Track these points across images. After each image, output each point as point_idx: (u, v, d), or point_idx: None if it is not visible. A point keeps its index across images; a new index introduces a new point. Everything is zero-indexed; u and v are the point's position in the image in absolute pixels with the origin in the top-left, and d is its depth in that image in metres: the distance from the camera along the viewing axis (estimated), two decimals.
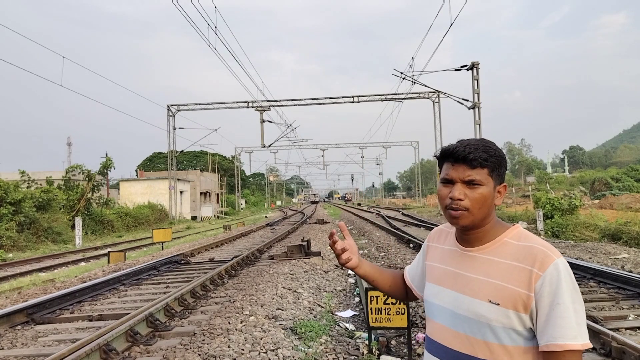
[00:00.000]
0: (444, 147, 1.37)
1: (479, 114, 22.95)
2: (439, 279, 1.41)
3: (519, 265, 1.25)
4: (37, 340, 5.60)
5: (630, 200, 29.96)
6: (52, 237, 22.14)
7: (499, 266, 1.28)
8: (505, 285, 1.25)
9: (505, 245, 1.31)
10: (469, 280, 1.32)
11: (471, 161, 1.29)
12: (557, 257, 1.23)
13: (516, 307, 1.23)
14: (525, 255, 1.26)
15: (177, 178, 39.42)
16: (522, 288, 1.23)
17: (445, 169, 1.35)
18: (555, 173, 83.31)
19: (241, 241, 17.78)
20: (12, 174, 28.31)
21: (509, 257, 1.28)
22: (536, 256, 1.24)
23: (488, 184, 1.31)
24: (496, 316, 1.24)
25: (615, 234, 15.29)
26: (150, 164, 72.34)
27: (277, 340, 5.11)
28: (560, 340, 1.17)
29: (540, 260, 1.22)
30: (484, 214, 1.32)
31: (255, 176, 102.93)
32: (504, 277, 1.26)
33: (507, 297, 1.24)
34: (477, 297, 1.28)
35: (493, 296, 1.25)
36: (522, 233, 1.33)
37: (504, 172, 1.35)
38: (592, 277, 7.88)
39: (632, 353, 4.16)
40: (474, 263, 1.33)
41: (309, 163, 76.63)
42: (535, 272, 1.22)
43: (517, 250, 1.28)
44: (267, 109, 33.93)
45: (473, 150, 1.30)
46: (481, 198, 1.30)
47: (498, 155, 1.32)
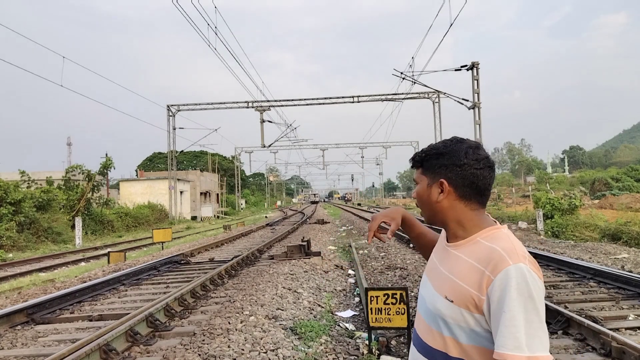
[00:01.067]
0: None
1: (479, 114, 22.94)
2: (427, 269, 1.47)
3: (476, 266, 1.25)
4: (37, 340, 5.61)
5: (630, 200, 29.96)
6: (52, 237, 22.14)
7: (462, 264, 1.29)
8: (460, 283, 1.26)
9: (475, 245, 1.30)
10: (439, 274, 1.36)
11: (413, 164, 1.44)
12: (513, 263, 1.18)
13: (468, 306, 1.23)
14: (485, 256, 1.24)
15: (177, 178, 39.42)
16: (474, 289, 1.22)
17: None
18: (555, 173, 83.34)
19: (241, 241, 17.78)
20: (12, 174, 28.31)
21: (473, 256, 1.27)
22: (493, 259, 1.21)
23: (421, 182, 1.40)
24: (450, 312, 1.26)
25: (615, 234, 15.29)
26: (150, 164, 72.34)
27: (277, 340, 5.11)
28: (501, 349, 1.14)
29: (495, 264, 1.20)
30: (429, 211, 1.40)
31: (255, 176, 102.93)
32: (461, 276, 1.27)
33: (460, 296, 1.25)
34: (438, 292, 1.32)
35: (449, 293, 1.28)
36: (495, 234, 1.30)
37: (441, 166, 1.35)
38: (592, 277, 7.89)
39: (632, 353, 4.16)
40: (447, 258, 1.37)
41: (309, 163, 76.60)
42: (487, 275, 1.20)
43: (482, 250, 1.27)
44: (267, 109, 33.91)
45: (419, 152, 1.42)
46: (416, 196, 1.41)
47: (436, 152, 1.36)
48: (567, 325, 5.27)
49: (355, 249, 13.11)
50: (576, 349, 4.74)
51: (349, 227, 24.35)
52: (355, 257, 11.16)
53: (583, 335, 4.93)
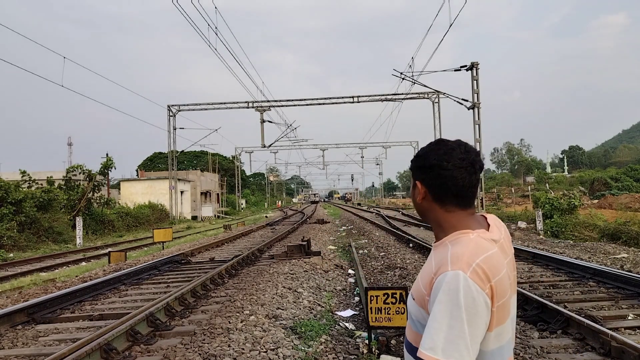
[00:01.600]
0: None
1: (478, 114, 22.95)
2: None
3: (431, 268, 1.30)
4: (38, 339, 5.62)
5: (629, 200, 29.96)
6: (52, 237, 22.15)
7: (427, 265, 1.35)
8: (419, 283, 1.34)
9: (442, 247, 1.33)
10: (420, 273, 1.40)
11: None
12: (452, 269, 1.21)
13: (422, 304, 1.29)
14: (439, 259, 1.28)
15: (177, 178, 39.41)
16: (425, 288, 1.29)
17: None
18: (554, 173, 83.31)
19: (241, 241, 17.80)
20: (12, 174, 28.33)
21: (437, 258, 1.31)
22: (441, 262, 1.26)
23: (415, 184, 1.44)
24: (413, 309, 1.35)
25: (615, 233, 15.30)
26: (150, 164, 72.34)
27: (277, 339, 5.13)
28: (420, 347, 1.18)
29: (439, 267, 1.25)
30: (420, 209, 1.45)
31: (255, 176, 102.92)
32: (422, 275, 1.34)
33: (417, 294, 1.33)
34: (411, 289, 1.39)
35: (414, 291, 1.36)
36: (460, 239, 1.31)
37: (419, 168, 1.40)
38: (591, 277, 7.90)
39: (631, 352, 4.17)
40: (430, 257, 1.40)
41: (309, 163, 76.56)
42: (433, 277, 1.26)
43: (441, 252, 1.31)
44: (267, 109, 33.91)
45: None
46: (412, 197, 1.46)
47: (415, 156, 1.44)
48: (566, 324, 5.28)
49: (355, 248, 13.13)
50: (575, 348, 4.76)
51: (349, 227, 24.36)
52: (355, 256, 11.18)
53: (582, 335, 4.95)
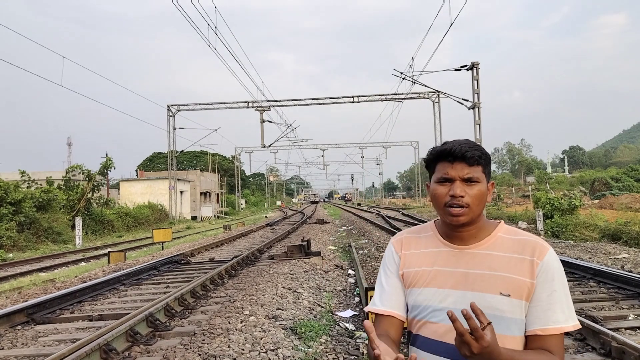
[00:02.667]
0: (439, 147, 1.39)
1: (479, 114, 22.94)
2: (436, 281, 1.38)
3: (519, 257, 1.32)
4: (37, 340, 5.61)
5: (630, 200, 29.94)
6: (52, 237, 22.13)
7: (502, 259, 1.33)
8: (512, 276, 1.31)
9: (500, 240, 1.37)
10: (476, 277, 1.33)
11: (469, 159, 1.33)
12: (549, 247, 1.34)
13: (523, 296, 1.30)
14: (523, 247, 1.34)
15: (177, 178, 39.41)
16: (527, 277, 1.30)
17: (443, 168, 1.36)
18: (555, 173, 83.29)
19: (241, 241, 17.78)
20: (12, 174, 28.31)
21: (508, 250, 1.34)
22: (534, 247, 1.33)
23: (483, 181, 1.35)
24: (509, 307, 1.29)
25: (615, 234, 15.28)
26: (150, 164, 72.32)
27: (277, 340, 5.11)
28: (557, 324, 1.28)
29: (539, 250, 1.32)
30: (481, 210, 1.36)
31: (255, 176, 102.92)
32: (510, 269, 1.32)
33: (516, 288, 1.30)
34: (488, 292, 1.31)
35: (504, 288, 1.30)
36: (510, 228, 1.41)
37: (491, 170, 1.41)
38: (592, 277, 7.88)
39: (631, 353, 4.16)
40: (475, 259, 1.35)
41: (309, 163, 76.61)
42: (535, 260, 1.31)
43: (514, 243, 1.35)
44: (267, 109, 33.91)
45: (469, 148, 1.33)
46: (480, 194, 1.33)
47: (487, 154, 1.38)
48: None
49: (355, 248, 13.12)
50: (576, 348, 4.75)
51: (349, 227, 24.35)
52: (355, 257, 11.16)
53: (583, 335, 4.93)
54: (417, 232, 1.51)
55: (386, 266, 1.49)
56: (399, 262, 1.46)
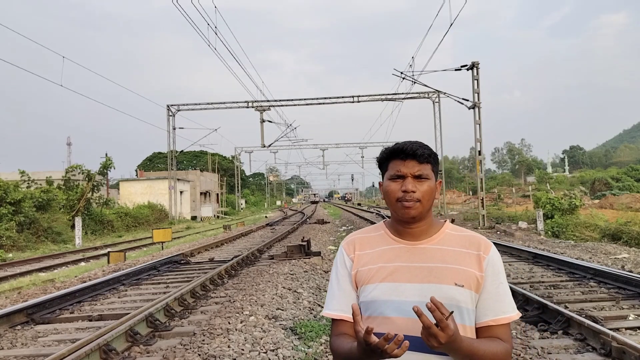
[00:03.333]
0: (392, 146, 1.47)
1: (479, 113, 22.92)
2: (392, 276, 1.42)
3: (467, 251, 1.43)
4: (37, 340, 5.60)
5: (630, 200, 29.93)
6: (52, 237, 22.12)
7: (452, 253, 1.43)
8: (464, 268, 1.41)
9: (449, 236, 1.47)
10: (431, 270, 1.41)
11: (419, 157, 1.42)
12: (492, 244, 1.47)
13: (472, 287, 1.40)
14: (469, 242, 1.46)
15: (177, 178, 39.39)
16: (476, 270, 1.41)
17: (395, 166, 1.44)
18: (555, 173, 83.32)
19: (241, 241, 17.78)
20: (12, 174, 28.30)
21: (457, 245, 1.45)
22: (479, 243, 1.45)
23: (432, 178, 1.45)
24: (463, 297, 1.38)
25: (616, 234, 15.28)
26: (150, 164, 72.31)
27: (277, 340, 5.11)
28: (506, 314, 1.40)
29: (484, 246, 1.44)
30: (430, 206, 1.45)
31: (255, 176, 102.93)
32: (461, 262, 1.42)
33: (467, 279, 1.40)
34: (444, 283, 1.38)
35: (458, 279, 1.39)
36: (456, 226, 1.53)
37: (438, 170, 1.50)
38: (592, 277, 7.88)
39: (632, 353, 4.15)
40: (427, 254, 1.44)
41: (309, 163, 76.60)
42: (482, 255, 1.43)
43: (461, 239, 1.47)
44: (267, 108, 33.88)
45: (419, 147, 1.43)
46: (430, 190, 1.43)
47: (435, 154, 1.47)
48: (567, 325, 5.26)
49: None
50: (576, 349, 4.74)
51: (349, 227, 24.34)
52: None
53: (583, 335, 4.93)
54: (368, 232, 1.57)
55: (337, 270, 1.54)
56: (350, 265, 1.50)
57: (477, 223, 22.89)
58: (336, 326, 1.49)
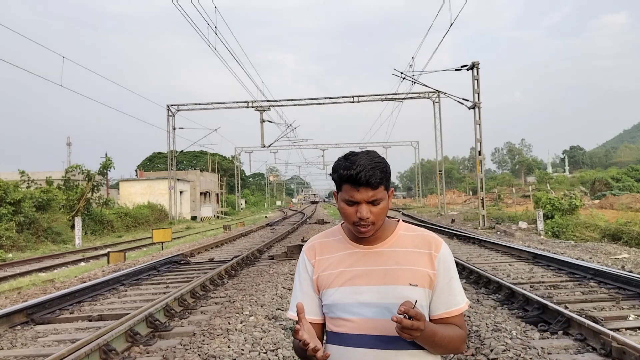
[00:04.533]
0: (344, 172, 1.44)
1: (479, 113, 22.92)
2: (352, 280, 1.50)
3: (419, 251, 1.52)
4: (37, 340, 5.60)
5: (630, 200, 29.92)
6: (51, 237, 22.12)
7: (405, 254, 1.51)
8: (417, 268, 1.49)
9: (401, 237, 1.55)
10: (386, 272, 1.49)
11: (372, 184, 1.42)
12: (442, 241, 1.55)
13: (426, 284, 1.48)
14: (421, 242, 1.53)
15: (177, 178, 39.39)
16: (428, 268, 1.49)
17: (349, 192, 1.45)
18: (555, 173, 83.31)
19: (241, 241, 17.77)
20: (11, 174, 28.29)
21: (409, 245, 1.53)
22: (430, 242, 1.53)
23: (386, 197, 1.48)
24: (417, 296, 1.44)
25: (616, 234, 15.28)
26: (150, 164, 72.30)
27: (277, 340, 5.10)
28: (458, 306, 1.51)
29: (435, 244, 1.52)
30: (383, 221, 1.51)
31: (255, 176, 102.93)
32: (413, 262, 1.50)
33: (421, 278, 1.48)
34: (399, 284, 1.46)
35: (411, 279, 1.47)
36: (409, 226, 1.60)
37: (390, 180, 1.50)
38: (592, 277, 7.87)
39: (632, 353, 4.15)
40: (382, 257, 1.51)
41: (309, 163, 76.60)
42: (433, 253, 1.51)
43: (413, 239, 1.54)
44: (267, 109, 33.89)
45: (372, 173, 1.41)
46: (383, 210, 1.47)
47: (387, 169, 1.47)
48: (567, 325, 5.26)
49: None
50: (576, 349, 4.73)
51: None
52: None
53: (583, 336, 4.92)
54: (327, 237, 1.63)
55: (300, 274, 1.62)
56: (312, 270, 1.58)
57: (477, 223, 22.89)
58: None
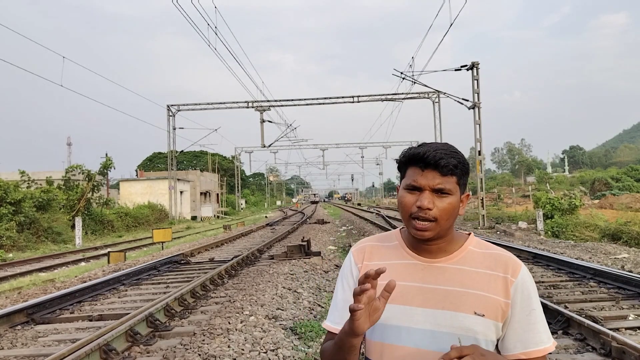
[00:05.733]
0: (412, 151, 1.25)
1: (479, 114, 22.93)
2: (403, 297, 1.24)
3: (492, 274, 1.23)
4: (37, 340, 5.60)
5: (630, 200, 29.92)
6: (52, 237, 22.12)
7: (474, 275, 1.23)
8: (486, 295, 1.21)
9: (471, 254, 1.27)
10: (447, 294, 1.22)
11: (442, 168, 1.20)
12: (522, 264, 1.26)
13: (497, 316, 1.21)
14: (495, 262, 1.25)
15: (177, 178, 39.39)
16: (501, 296, 1.21)
17: (412, 175, 1.23)
18: (555, 173, 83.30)
19: (241, 241, 17.78)
20: (12, 174, 28.29)
21: (480, 265, 1.25)
22: (507, 263, 1.24)
23: (456, 193, 1.22)
24: (482, 329, 1.19)
25: (615, 233, 15.28)
26: (150, 164, 72.30)
27: (277, 340, 5.11)
28: (541, 345, 1.21)
29: (512, 267, 1.24)
30: (450, 225, 1.24)
31: (255, 176, 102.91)
32: (483, 287, 1.22)
33: (490, 307, 1.20)
34: (461, 311, 1.20)
35: (478, 307, 1.20)
36: (481, 241, 1.31)
37: (467, 180, 1.27)
38: (592, 277, 7.88)
39: (632, 353, 4.15)
40: (445, 274, 1.24)
41: (309, 163, 76.62)
42: (510, 278, 1.22)
43: (485, 258, 1.26)
44: (267, 109, 33.88)
45: (444, 155, 1.20)
46: (450, 208, 1.21)
47: (465, 163, 1.24)
48: (567, 325, 5.27)
49: None
50: (576, 348, 4.74)
51: (349, 227, 24.34)
52: None
53: (583, 335, 4.93)
54: (381, 241, 1.37)
55: (344, 278, 1.36)
56: (357, 275, 1.32)
57: (477, 223, 22.90)
58: (332, 337, 1.31)
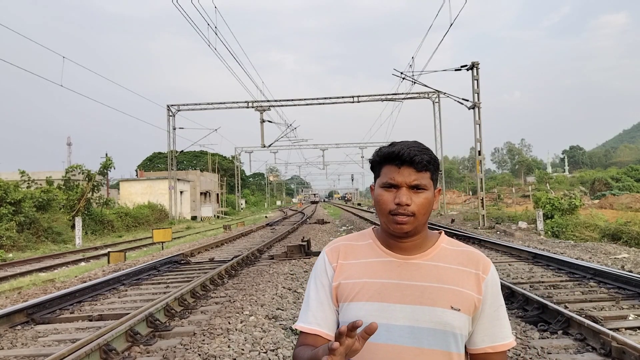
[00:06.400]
0: (385, 150, 1.28)
1: (479, 114, 22.93)
2: (380, 295, 1.24)
3: (465, 270, 1.27)
4: (37, 340, 5.60)
5: (630, 200, 29.94)
6: (52, 237, 22.12)
7: (449, 272, 1.26)
8: (461, 290, 1.24)
9: (444, 251, 1.30)
10: (424, 290, 1.23)
11: (417, 164, 1.23)
12: (491, 262, 1.31)
13: (470, 311, 1.24)
14: (467, 259, 1.29)
15: (177, 178, 39.39)
16: (474, 292, 1.25)
17: (389, 173, 1.25)
18: (555, 173, 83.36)
19: (241, 241, 17.78)
20: (12, 174, 28.30)
21: (454, 262, 1.28)
22: (478, 261, 1.29)
23: (430, 189, 1.26)
24: (459, 323, 1.22)
25: (615, 234, 15.29)
26: (150, 164, 72.31)
27: (277, 340, 5.11)
28: (507, 340, 1.27)
29: (483, 265, 1.28)
30: (426, 220, 1.27)
31: (255, 176, 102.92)
32: (458, 282, 1.25)
33: (465, 302, 1.23)
34: (438, 305, 1.22)
35: (454, 302, 1.22)
36: (451, 239, 1.35)
37: (438, 176, 1.31)
38: (592, 277, 7.88)
39: (632, 353, 4.15)
40: (420, 271, 1.26)
41: (309, 163, 76.59)
42: (481, 275, 1.27)
43: (457, 255, 1.30)
44: (267, 109, 33.89)
45: (417, 152, 1.23)
46: (426, 203, 1.24)
47: (436, 159, 1.28)
48: (567, 325, 5.26)
49: None
50: (576, 348, 4.74)
51: (349, 227, 24.34)
52: None
53: (583, 335, 4.93)
54: (355, 240, 1.37)
55: (316, 278, 1.35)
56: (332, 275, 1.32)
57: (477, 223, 22.90)
58: (305, 338, 1.30)
